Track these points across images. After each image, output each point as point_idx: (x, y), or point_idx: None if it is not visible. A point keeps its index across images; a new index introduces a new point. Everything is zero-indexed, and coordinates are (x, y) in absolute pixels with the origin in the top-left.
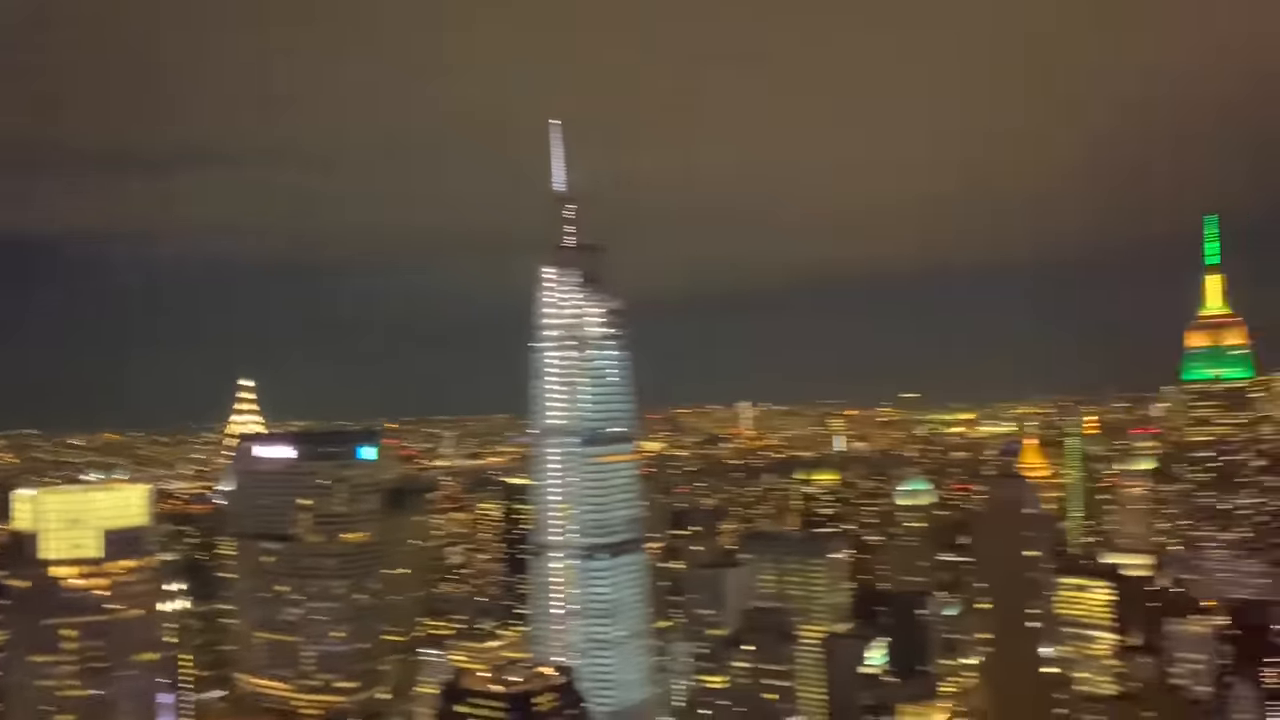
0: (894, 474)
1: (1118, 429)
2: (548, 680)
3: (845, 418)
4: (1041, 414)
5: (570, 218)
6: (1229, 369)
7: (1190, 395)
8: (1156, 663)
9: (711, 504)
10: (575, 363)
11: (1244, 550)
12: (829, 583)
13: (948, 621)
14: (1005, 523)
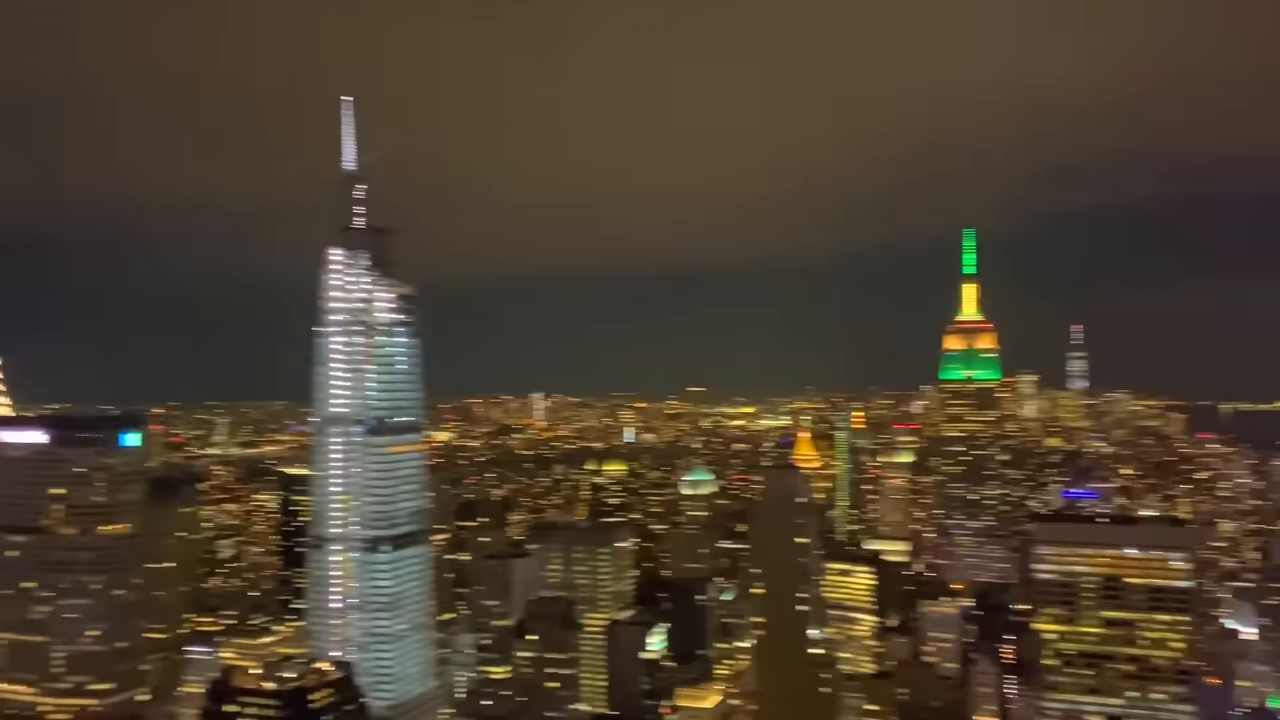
0: (679, 465)
1: (882, 424)
2: (324, 676)
3: (635, 410)
4: (814, 409)
5: (360, 198)
6: (980, 370)
7: (946, 394)
8: (911, 642)
9: (501, 495)
10: (362, 349)
11: (988, 537)
12: (614, 571)
13: (725, 606)
14: (779, 511)
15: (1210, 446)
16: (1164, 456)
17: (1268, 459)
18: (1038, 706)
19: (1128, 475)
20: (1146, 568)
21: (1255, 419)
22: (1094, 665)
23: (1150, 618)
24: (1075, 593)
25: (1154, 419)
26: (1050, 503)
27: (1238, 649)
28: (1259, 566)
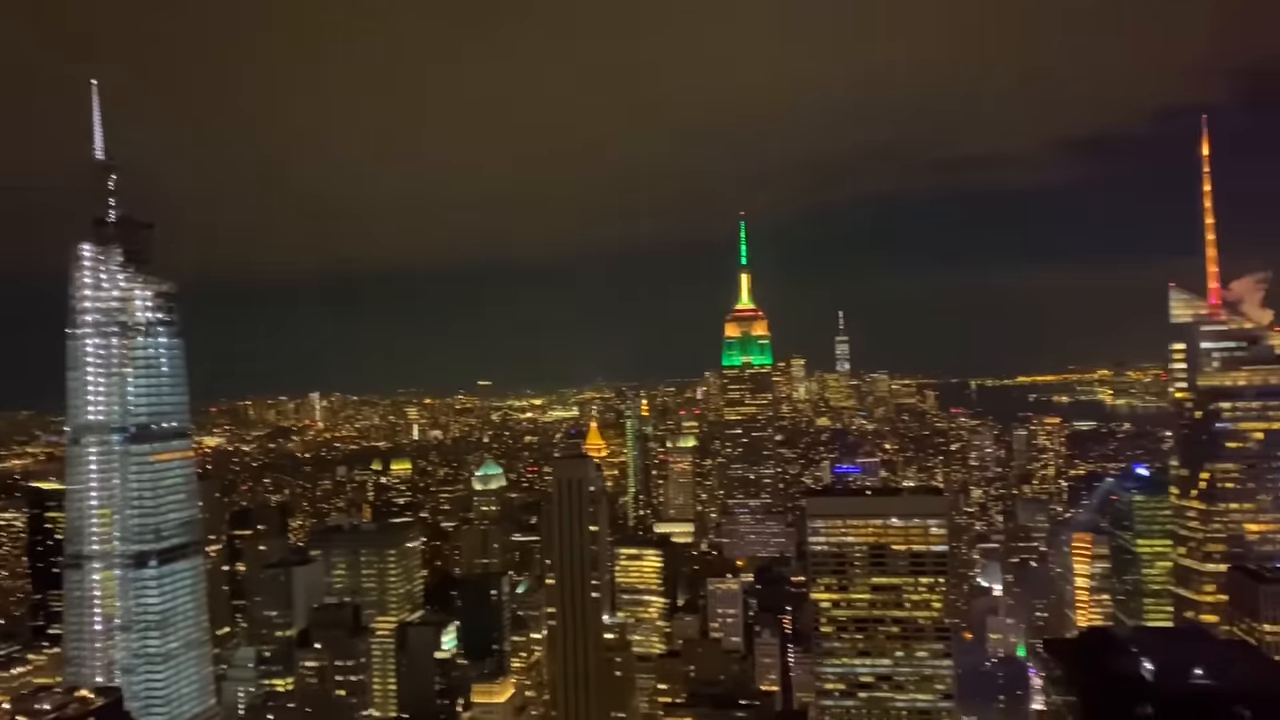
0: (469, 461)
1: (669, 411)
2: (87, 704)
3: (422, 406)
4: (604, 399)
5: (112, 189)
6: (756, 356)
7: (726, 379)
8: (699, 620)
9: (279, 500)
10: (119, 351)
11: (767, 514)
12: (403, 572)
13: (519, 599)
14: (570, 501)
15: (960, 420)
16: (921, 431)
17: (1009, 430)
18: (816, 672)
19: (890, 450)
20: (909, 535)
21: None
22: (865, 629)
23: (913, 581)
24: (847, 562)
25: (911, 397)
26: (822, 479)
27: (988, 605)
28: (1004, 528)
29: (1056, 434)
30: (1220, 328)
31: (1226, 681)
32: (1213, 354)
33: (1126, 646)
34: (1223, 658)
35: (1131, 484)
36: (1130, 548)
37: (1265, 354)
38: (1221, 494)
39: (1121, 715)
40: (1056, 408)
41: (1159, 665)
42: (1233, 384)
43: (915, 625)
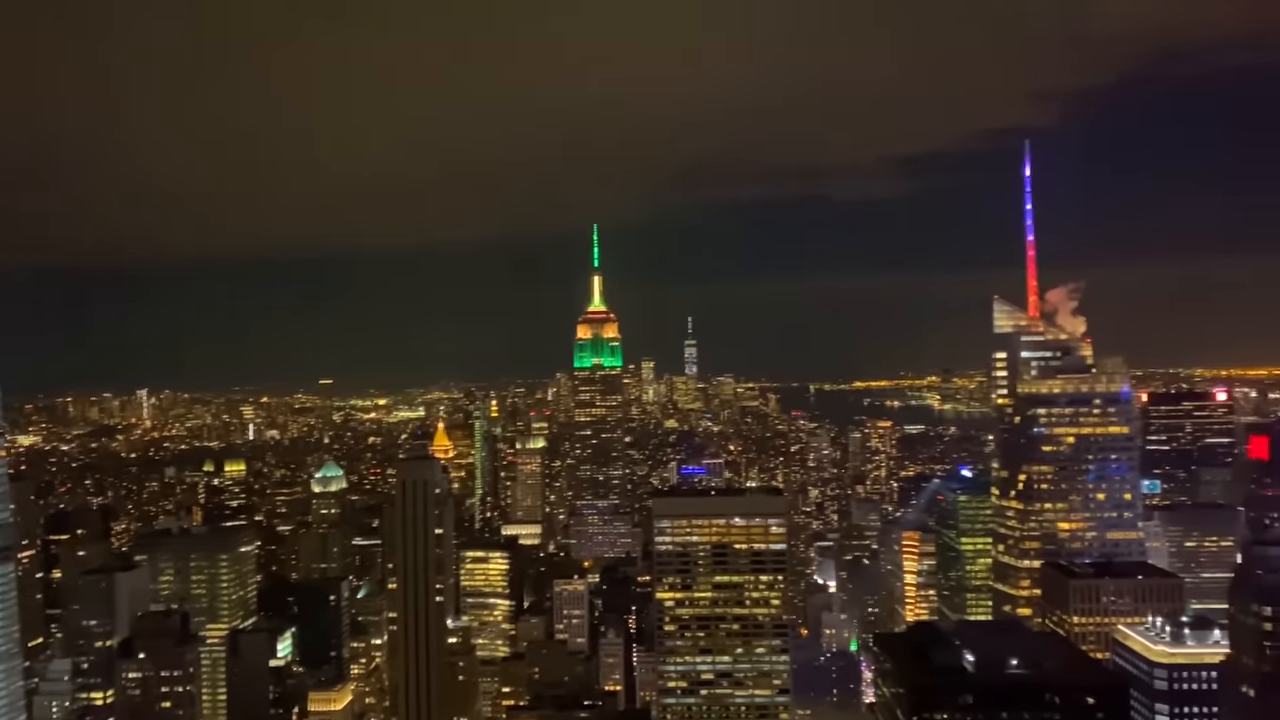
0: (309, 462)
1: (518, 412)
2: None
3: (258, 405)
4: (452, 399)
5: None
6: (607, 358)
7: (577, 381)
8: (545, 621)
9: (101, 503)
10: None
11: (615, 515)
12: (236, 578)
13: (360, 604)
14: (415, 504)
15: (800, 423)
16: (763, 433)
17: (845, 432)
18: (659, 670)
19: (734, 451)
20: (750, 534)
21: (836, 397)
22: (706, 627)
23: (754, 579)
24: (691, 561)
25: (754, 400)
26: (669, 479)
27: (823, 601)
28: (839, 527)
29: (889, 437)
30: (1038, 338)
31: (1038, 671)
32: (1031, 363)
33: (950, 639)
34: (1035, 649)
35: (956, 485)
36: (955, 545)
37: (1077, 363)
38: (1037, 494)
39: (945, 705)
40: (889, 412)
41: (979, 657)
42: (1048, 391)
43: (755, 622)
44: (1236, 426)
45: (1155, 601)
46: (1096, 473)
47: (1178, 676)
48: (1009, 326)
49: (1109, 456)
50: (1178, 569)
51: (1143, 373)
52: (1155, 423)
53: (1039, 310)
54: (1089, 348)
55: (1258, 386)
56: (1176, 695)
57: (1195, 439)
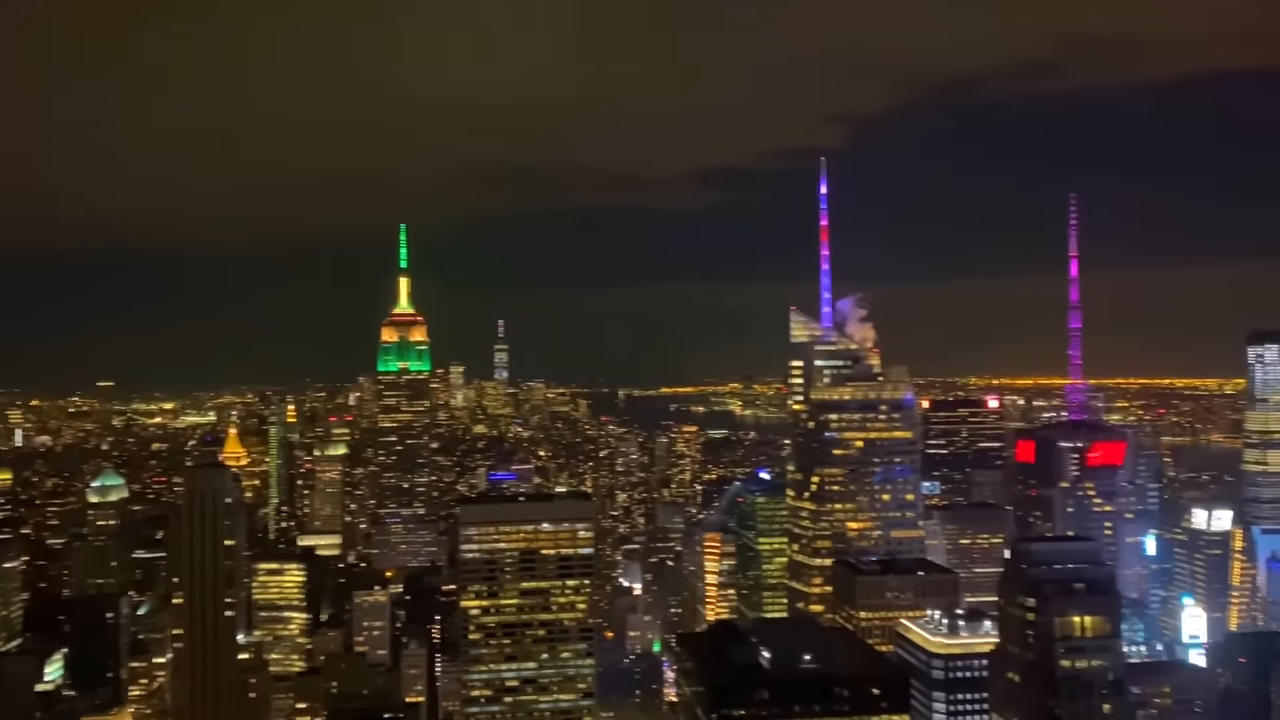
0: (84, 470)
1: (318, 417)
2: None
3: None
4: (246, 403)
5: None
6: (414, 362)
7: (382, 385)
8: (344, 634)
9: None
10: None
11: (420, 523)
12: None
13: (141, 621)
14: (204, 514)
15: (610, 428)
16: (573, 438)
17: (653, 437)
18: (463, 680)
19: (544, 456)
20: (558, 539)
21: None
22: (512, 634)
23: (561, 584)
24: (498, 568)
25: (565, 405)
26: (477, 486)
27: (628, 604)
28: (645, 530)
29: (693, 441)
30: (830, 347)
31: (829, 666)
32: (824, 371)
33: (747, 637)
34: (826, 644)
35: (755, 487)
36: (753, 545)
37: (865, 372)
38: (828, 495)
39: (742, 702)
40: (694, 417)
41: (774, 653)
42: (839, 398)
43: (561, 627)
44: (1006, 432)
45: (934, 596)
46: (882, 475)
47: (953, 666)
48: (804, 336)
49: (894, 460)
50: (954, 565)
51: (924, 381)
52: (934, 428)
53: (832, 321)
54: (877, 357)
55: (1024, 394)
56: (952, 684)
57: (970, 443)
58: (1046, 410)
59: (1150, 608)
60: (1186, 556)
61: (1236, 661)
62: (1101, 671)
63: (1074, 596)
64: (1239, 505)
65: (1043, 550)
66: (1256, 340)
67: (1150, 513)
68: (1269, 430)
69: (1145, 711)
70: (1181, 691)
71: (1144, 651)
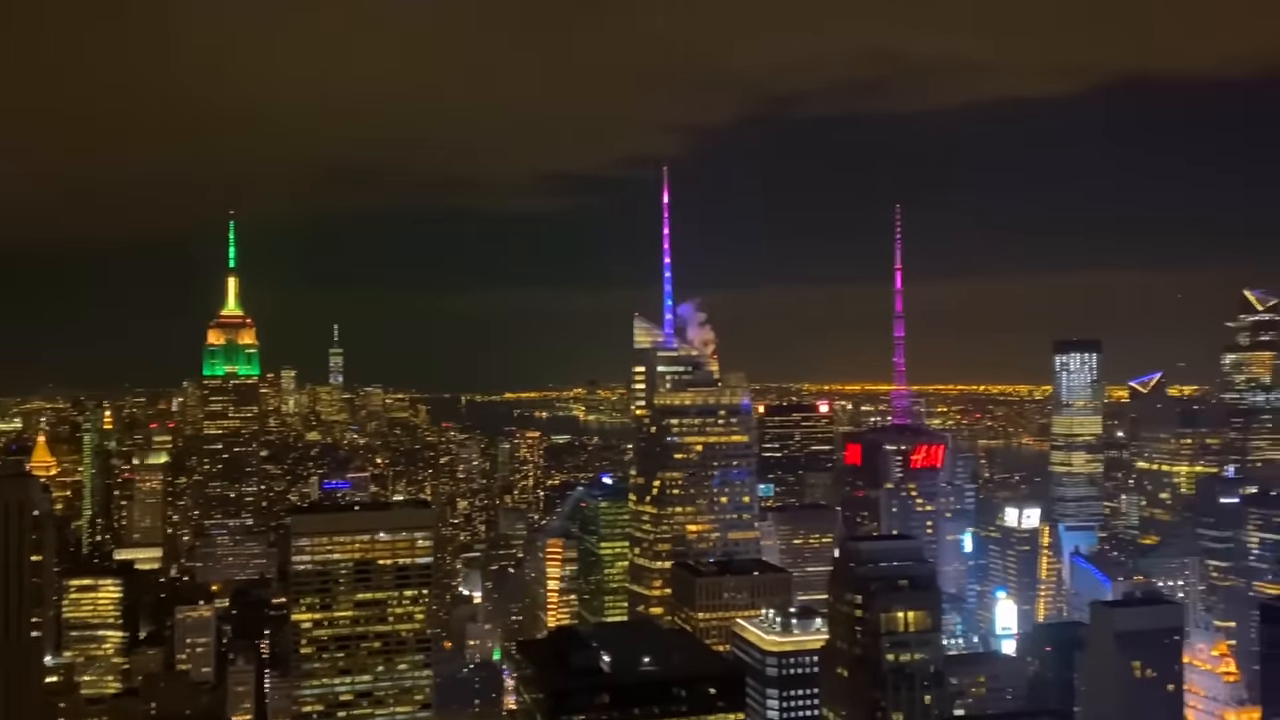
0: None
1: (137, 424)
2: None
3: None
4: (56, 409)
5: None
6: (242, 366)
7: (208, 390)
8: (163, 653)
9: None
10: None
11: (248, 534)
12: None
13: None
14: (7, 527)
15: (451, 434)
16: (413, 445)
17: (495, 443)
18: (294, 695)
19: (381, 464)
20: (395, 549)
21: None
22: (346, 647)
23: (398, 595)
24: (331, 579)
25: (404, 411)
26: (310, 495)
27: (468, 612)
28: (486, 537)
29: (536, 447)
30: (672, 353)
31: (668, 667)
32: (666, 376)
33: (587, 642)
34: (665, 646)
35: (598, 492)
36: (595, 550)
37: (705, 378)
38: (669, 499)
39: (582, 707)
40: (537, 422)
41: (614, 657)
42: (680, 403)
43: (398, 639)
44: (836, 435)
45: (768, 595)
46: (720, 478)
47: (786, 663)
48: (647, 342)
49: (731, 463)
50: (787, 564)
51: (760, 386)
52: (770, 432)
53: (673, 327)
54: (716, 363)
55: (853, 400)
56: (785, 680)
57: (803, 447)
58: (873, 415)
59: (968, 602)
60: (1000, 553)
61: (1043, 650)
62: (924, 664)
63: (898, 593)
64: (1047, 504)
65: (869, 549)
66: (1062, 349)
67: (967, 512)
68: (1073, 433)
69: (963, 701)
70: (995, 680)
71: (962, 644)
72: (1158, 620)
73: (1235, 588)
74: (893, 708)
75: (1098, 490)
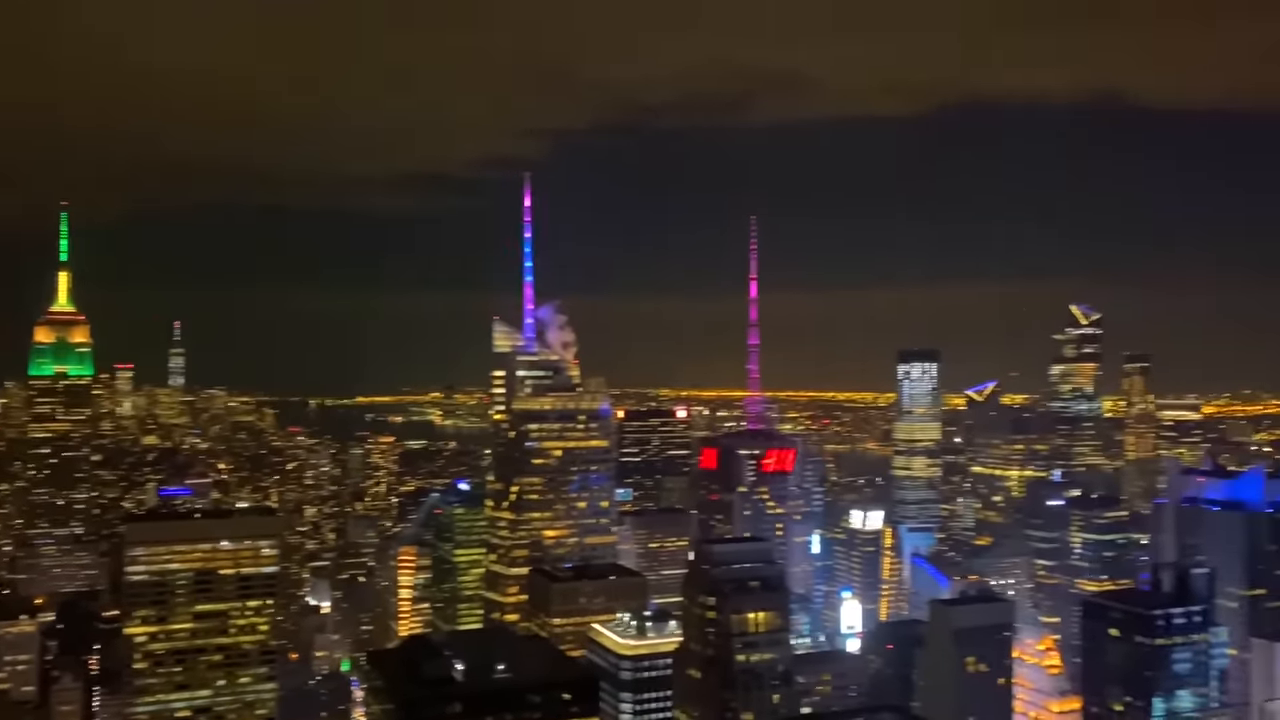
0: None
1: None
2: None
3: None
4: None
5: None
6: (74, 365)
7: (34, 391)
8: None
9: None
10: None
11: (77, 544)
12: None
13: None
14: None
15: (299, 439)
16: (258, 450)
17: (347, 448)
18: (126, 713)
19: (224, 469)
20: (238, 558)
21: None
22: (184, 661)
23: (241, 606)
24: (169, 591)
25: (249, 414)
26: (146, 502)
27: (316, 623)
28: (336, 545)
29: (390, 452)
30: (532, 357)
31: (521, 674)
32: (526, 381)
33: (440, 651)
34: (520, 653)
35: (454, 498)
36: (449, 558)
37: (565, 382)
38: (527, 505)
39: (433, 717)
40: (391, 427)
41: (468, 666)
42: (540, 408)
43: (240, 651)
44: (693, 440)
45: (624, 599)
46: (579, 483)
47: (640, 666)
48: (507, 346)
49: (590, 468)
50: (643, 568)
51: (620, 392)
52: (629, 437)
53: (534, 331)
54: (576, 368)
55: (710, 405)
56: (639, 684)
57: (660, 451)
58: (728, 420)
59: (815, 602)
60: (845, 554)
61: (885, 648)
62: (773, 664)
63: (750, 594)
64: (890, 507)
65: (722, 551)
66: (904, 359)
67: (816, 514)
68: (914, 439)
69: (809, 699)
70: (840, 678)
71: (809, 643)
72: (990, 617)
73: (1060, 585)
74: (742, 707)
75: (936, 493)
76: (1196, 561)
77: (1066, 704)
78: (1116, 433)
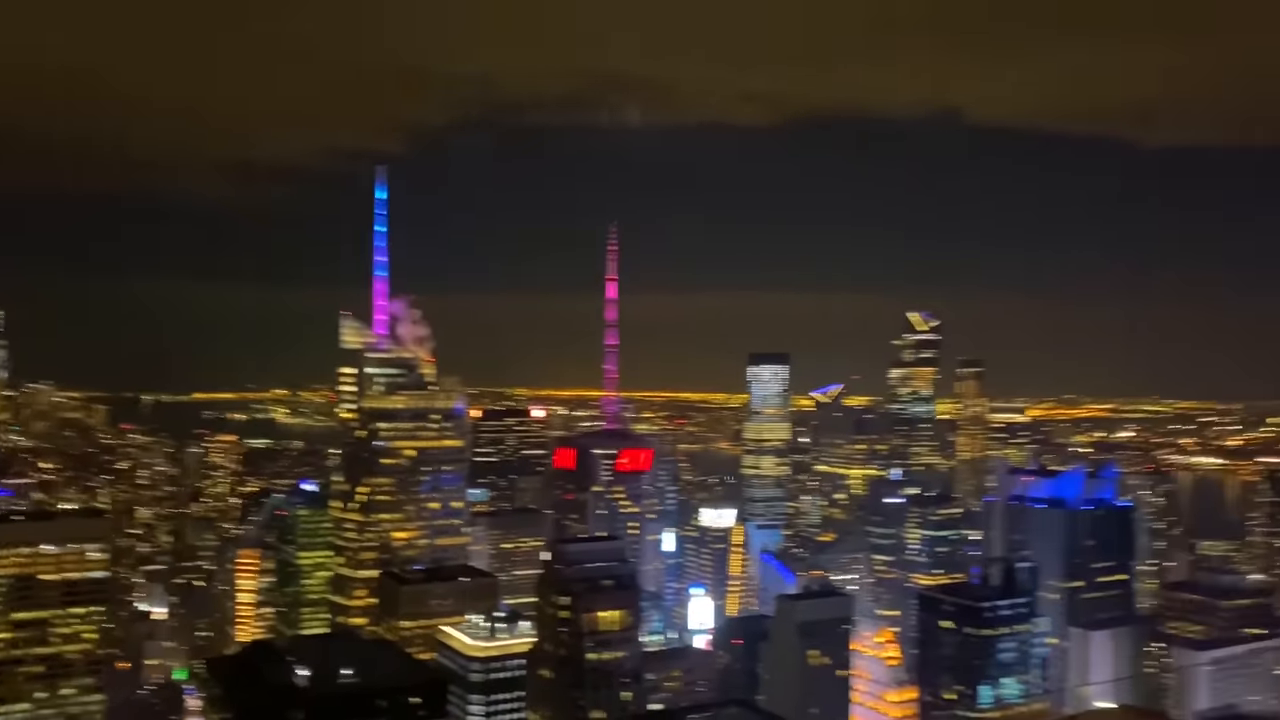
0: None
1: None
2: None
3: None
4: None
5: None
6: None
7: None
8: None
9: None
10: None
11: None
12: None
13: None
14: None
15: (132, 437)
16: (86, 449)
17: (184, 447)
18: None
19: (48, 469)
20: (62, 563)
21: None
22: (0, 672)
23: (65, 613)
24: None
25: (77, 411)
26: None
27: (147, 630)
28: (171, 549)
29: (231, 451)
30: (384, 355)
31: (368, 679)
32: (376, 378)
33: (283, 657)
34: (367, 657)
35: (298, 499)
36: (293, 560)
37: (418, 381)
38: (376, 506)
39: None
40: (232, 425)
41: (311, 671)
42: (392, 406)
43: (63, 661)
44: (549, 440)
45: (475, 601)
46: (431, 484)
47: (491, 668)
48: (357, 343)
49: (443, 468)
50: (496, 569)
51: (476, 390)
52: (484, 436)
53: (386, 328)
54: (431, 366)
55: (567, 405)
56: (489, 685)
57: (516, 451)
58: (585, 420)
59: (667, 599)
60: (696, 551)
61: (732, 643)
62: (623, 662)
63: (602, 593)
64: (740, 504)
65: (575, 551)
66: (755, 361)
67: (669, 513)
68: (762, 438)
69: (659, 695)
70: (690, 674)
71: (661, 640)
72: (831, 611)
73: (898, 580)
74: (592, 706)
75: (784, 491)
76: (1022, 556)
77: (903, 694)
78: (951, 434)
